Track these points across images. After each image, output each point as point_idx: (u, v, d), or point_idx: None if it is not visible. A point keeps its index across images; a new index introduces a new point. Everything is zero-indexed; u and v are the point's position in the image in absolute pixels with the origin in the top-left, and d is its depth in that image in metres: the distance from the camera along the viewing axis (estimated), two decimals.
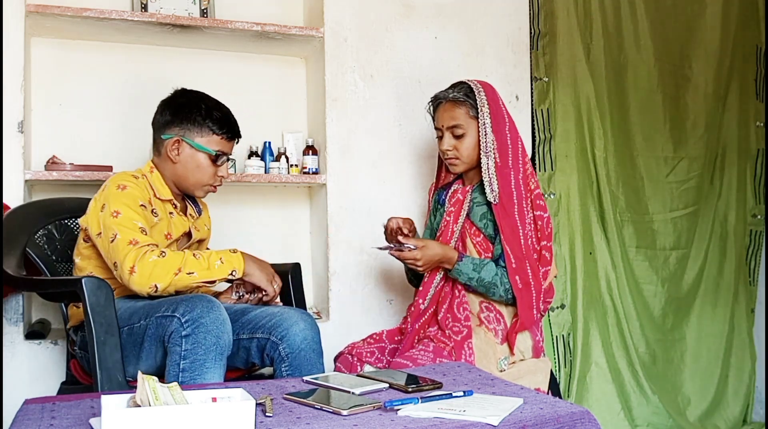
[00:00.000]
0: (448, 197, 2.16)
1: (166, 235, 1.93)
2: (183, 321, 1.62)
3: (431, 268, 2.02)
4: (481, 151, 2.02)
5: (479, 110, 2.03)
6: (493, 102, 2.05)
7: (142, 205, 1.84)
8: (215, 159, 1.96)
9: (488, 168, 2.01)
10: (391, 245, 1.99)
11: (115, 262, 1.74)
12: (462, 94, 2.05)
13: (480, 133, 2.03)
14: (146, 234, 1.77)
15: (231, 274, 1.80)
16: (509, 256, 1.96)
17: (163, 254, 1.73)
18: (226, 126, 1.97)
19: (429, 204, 2.31)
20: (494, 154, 2.02)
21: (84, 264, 1.91)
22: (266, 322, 1.84)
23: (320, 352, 1.86)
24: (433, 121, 2.14)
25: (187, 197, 2.07)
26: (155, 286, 1.72)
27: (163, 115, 1.96)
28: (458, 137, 2.05)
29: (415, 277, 2.21)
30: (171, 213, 1.96)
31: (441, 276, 2.05)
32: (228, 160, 2.00)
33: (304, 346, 1.81)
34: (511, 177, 2.01)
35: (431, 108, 2.14)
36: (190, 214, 2.04)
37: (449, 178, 2.24)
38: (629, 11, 3.15)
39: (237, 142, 2.05)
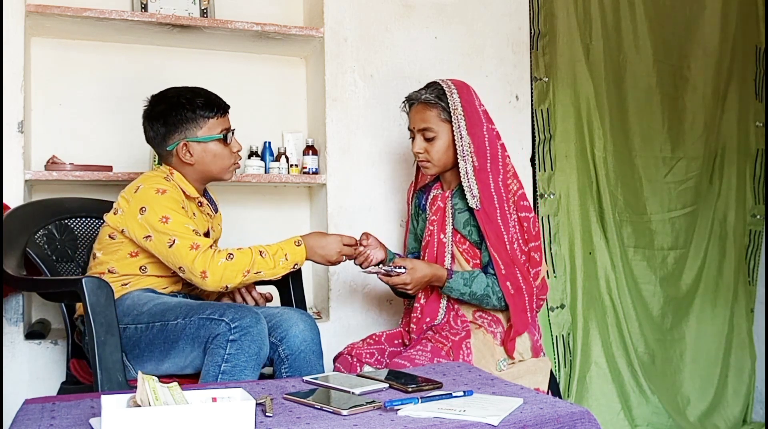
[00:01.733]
0: (428, 203, 2.12)
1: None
2: (232, 327, 1.65)
3: (421, 288, 1.99)
4: (457, 155, 1.97)
5: (452, 113, 1.97)
6: (467, 103, 1.99)
7: (183, 207, 1.87)
8: (225, 139, 1.97)
9: (467, 172, 1.96)
10: (380, 270, 1.94)
11: (181, 267, 1.78)
12: (434, 95, 1.99)
13: (455, 137, 1.97)
14: (200, 235, 1.82)
15: (294, 267, 1.87)
16: (497, 262, 1.93)
17: (231, 256, 1.78)
18: (215, 105, 1.97)
19: (408, 207, 2.27)
20: (472, 157, 1.96)
21: (107, 258, 1.91)
22: (266, 322, 1.84)
23: (320, 353, 1.86)
24: (409, 120, 2.09)
25: (204, 195, 2.07)
26: (226, 286, 1.79)
27: (155, 129, 1.95)
28: (429, 140, 2.00)
29: (402, 293, 2.15)
30: (194, 214, 1.97)
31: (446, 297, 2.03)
32: (233, 132, 2.01)
33: (304, 347, 1.82)
34: (490, 180, 1.96)
35: (406, 106, 2.09)
36: (208, 214, 2.04)
37: (426, 179, 2.19)
38: (628, 11, 3.15)
39: (228, 113, 2.03)
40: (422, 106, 2.02)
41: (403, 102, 2.10)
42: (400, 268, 1.92)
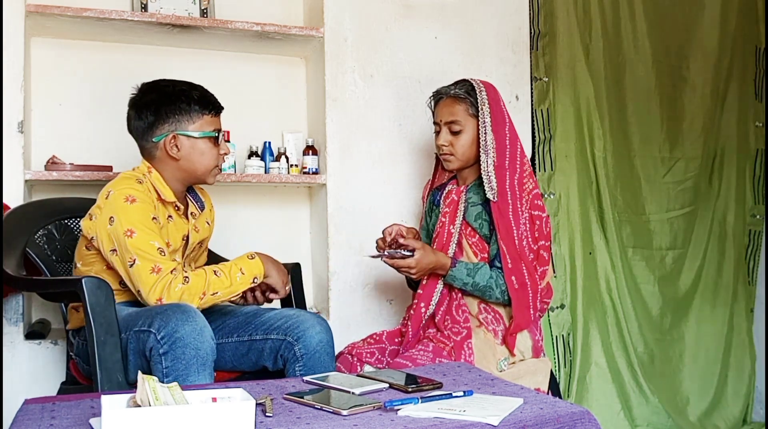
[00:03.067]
0: (442, 198, 2.16)
1: (166, 243, 1.84)
2: (159, 337, 1.58)
3: (425, 274, 2.01)
4: (480, 150, 2.02)
5: (479, 109, 2.03)
6: (494, 102, 2.05)
7: (154, 217, 1.78)
8: (216, 139, 1.90)
9: (487, 166, 2.01)
10: (384, 253, 1.95)
11: (139, 291, 1.71)
12: (463, 91, 2.06)
13: (480, 132, 2.03)
14: (164, 254, 1.73)
15: (253, 281, 1.80)
16: (505, 256, 1.95)
17: (187, 280, 1.70)
18: (211, 103, 1.91)
19: (423, 203, 2.31)
20: (493, 153, 2.02)
21: (86, 270, 1.86)
22: (282, 323, 1.85)
23: (333, 355, 1.87)
24: (433, 115, 2.14)
25: (189, 194, 2.00)
26: None
27: (143, 118, 1.86)
28: (455, 133, 2.05)
29: (414, 281, 2.18)
30: (170, 216, 1.88)
31: (442, 281, 2.04)
32: (224, 135, 1.95)
33: (320, 348, 1.81)
34: (506, 177, 2.01)
35: (432, 103, 2.15)
36: (192, 213, 1.96)
37: (444, 177, 2.24)
38: (628, 11, 3.15)
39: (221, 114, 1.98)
40: (451, 100, 2.07)
41: (430, 97, 2.15)
42: (408, 250, 1.93)
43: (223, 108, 1.97)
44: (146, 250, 1.70)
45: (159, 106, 1.86)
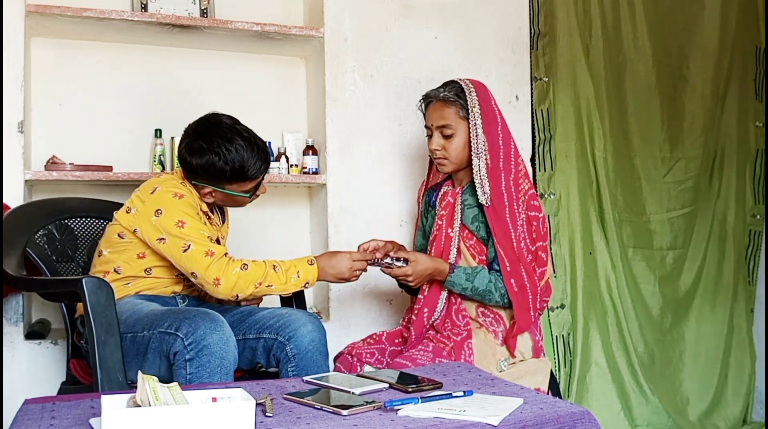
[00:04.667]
0: (438, 199, 2.14)
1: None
2: (186, 343, 1.62)
3: (424, 281, 2.00)
4: (471, 152, 2.00)
5: (470, 111, 2.00)
6: (484, 102, 2.02)
7: (198, 213, 1.87)
8: (251, 192, 1.96)
9: (479, 169, 1.99)
10: (381, 262, 1.96)
11: (194, 273, 1.79)
12: (453, 93, 2.03)
13: (471, 134, 2.00)
14: (213, 242, 1.82)
15: (305, 286, 1.87)
16: (503, 259, 1.94)
17: (245, 267, 1.79)
18: (254, 174, 1.90)
19: (419, 204, 2.30)
20: (485, 155, 1.99)
21: (114, 257, 1.91)
22: (274, 322, 1.85)
23: (326, 354, 1.87)
24: (424, 119, 2.13)
25: (216, 206, 2.06)
26: (237, 295, 1.80)
27: (192, 156, 1.86)
28: (447, 137, 2.03)
29: (409, 288, 2.17)
30: (205, 223, 1.95)
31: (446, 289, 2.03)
32: (261, 185, 1.99)
33: (311, 347, 1.82)
34: (501, 178, 1.98)
35: (422, 106, 2.12)
36: (215, 223, 2.04)
37: (438, 178, 2.23)
38: (628, 11, 3.15)
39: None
40: (441, 103, 2.04)
41: (420, 101, 2.13)
42: (401, 260, 1.93)
43: (268, 167, 1.96)
44: (198, 237, 1.80)
45: (201, 160, 1.85)
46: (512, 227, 1.96)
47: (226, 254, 1.81)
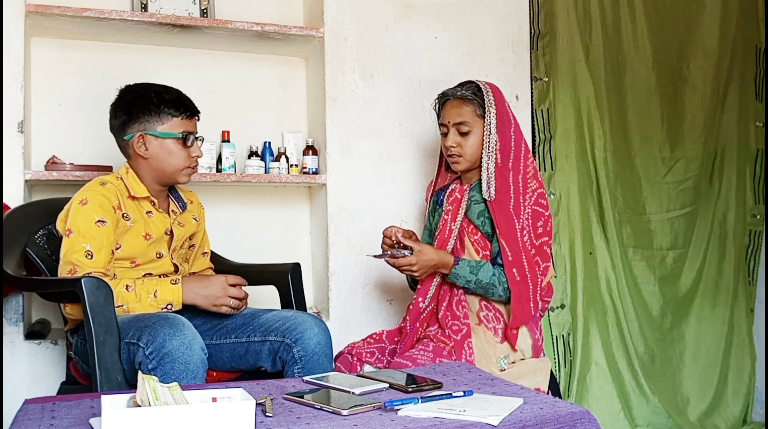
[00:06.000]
0: (446, 197, 2.16)
1: (145, 236, 1.90)
2: (147, 352, 1.58)
3: (427, 273, 2.01)
4: (483, 150, 2.04)
5: (486, 110, 2.04)
6: (500, 103, 2.07)
7: (99, 220, 1.80)
8: (184, 140, 1.93)
9: (488, 167, 2.02)
10: (386, 253, 1.97)
11: None
12: (470, 92, 2.07)
13: (484, 133, 2.04)
14: (92, 257, 1.76)
15: (166, 308, 1.76)
16: (506, 250, 1.96)
17: None
18: (182, 105, 1.94)
19: (427, 203, 2.31)
20: (496, 154, 2.02)
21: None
22: (280, 325, 1.85)
23: (332, 357, 1.87)
24: (438, 118, 2.15)
25: (171, 194, 2.04)
26: None
27: (117, 117, 1.93)
28: (463, 134, 2.06)
29: (415, 281, 2.19)
30: (149, 212, 1.93)
31: (440, 275, 2.05)
32: (197, 139, 1.96)
33: (318, 350, 1.81)
34: (509, 175, 2.02)
35: (437, 105, 2.15)
36: (173, 211, 2.00)
37: (448, 178, 2.24)
38: (628, 11, 3.15)
39: (198, 120, 2.00)
40: (459, 101, 2.08)
41: (435, 100, 2.16)
42: (406, 249, 1.94)
43: (198, 112, 1.99)
44: (75, 250, 1.77)
45: (131, 106, 1.92)
46: (516, 218, 1.98)
47: (90, 273, 1.72)
